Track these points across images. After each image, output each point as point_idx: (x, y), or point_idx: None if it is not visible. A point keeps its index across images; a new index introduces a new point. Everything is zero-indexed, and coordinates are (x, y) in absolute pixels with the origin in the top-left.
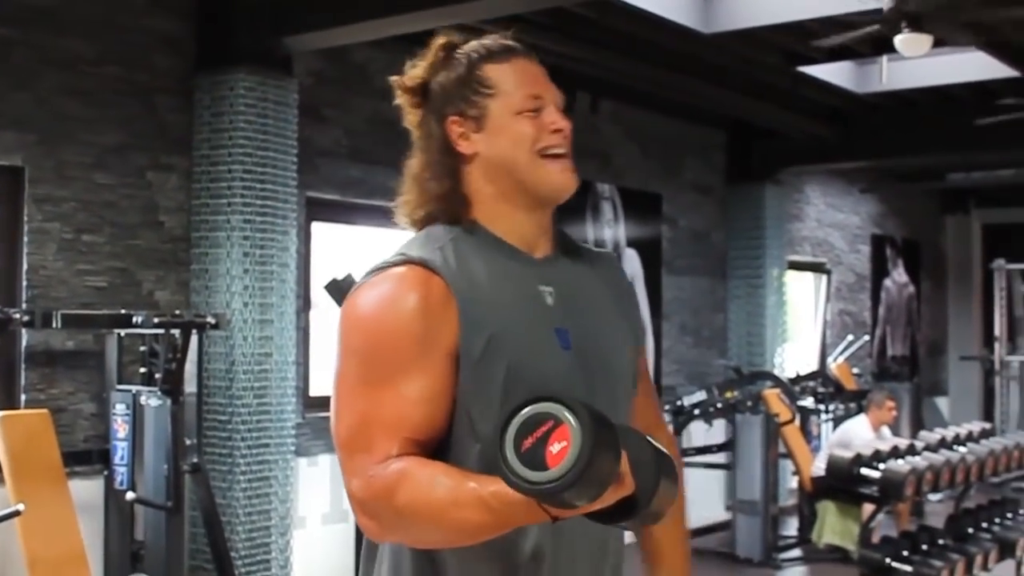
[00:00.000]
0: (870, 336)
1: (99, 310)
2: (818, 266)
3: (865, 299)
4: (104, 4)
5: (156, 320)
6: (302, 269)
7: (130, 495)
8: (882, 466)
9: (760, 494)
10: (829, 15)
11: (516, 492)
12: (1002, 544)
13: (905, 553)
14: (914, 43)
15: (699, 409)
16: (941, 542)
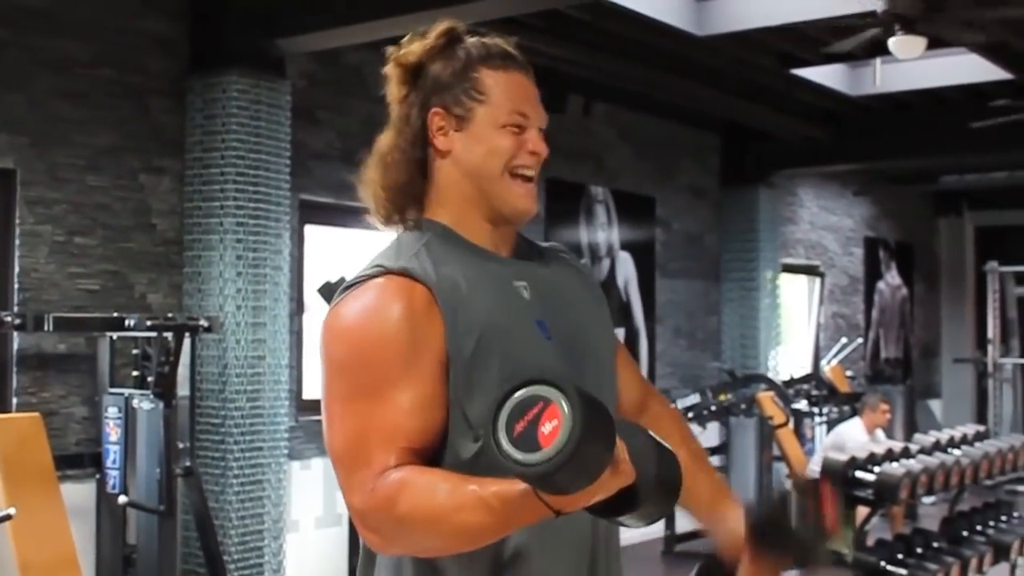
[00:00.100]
0: (863, 339)
1: (91, 313)
2: (811, 269)
3: (858, 302)
4: (96, 6)
5: (149, 323)
6: (295, 272)
7: (122, 499)
8: (877, 469)
9: (754, 497)
10: (823, 17)
11: (517, 489)
12: (996, 547)
13: (900, 556)
14: (908, 45)
15: (693, 412)
16: (936, 545)
